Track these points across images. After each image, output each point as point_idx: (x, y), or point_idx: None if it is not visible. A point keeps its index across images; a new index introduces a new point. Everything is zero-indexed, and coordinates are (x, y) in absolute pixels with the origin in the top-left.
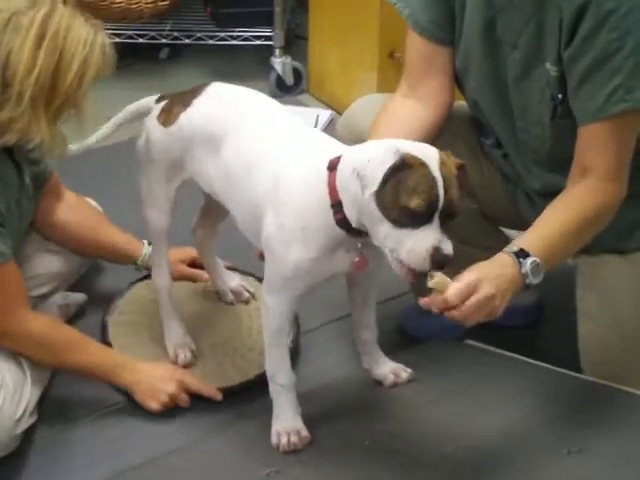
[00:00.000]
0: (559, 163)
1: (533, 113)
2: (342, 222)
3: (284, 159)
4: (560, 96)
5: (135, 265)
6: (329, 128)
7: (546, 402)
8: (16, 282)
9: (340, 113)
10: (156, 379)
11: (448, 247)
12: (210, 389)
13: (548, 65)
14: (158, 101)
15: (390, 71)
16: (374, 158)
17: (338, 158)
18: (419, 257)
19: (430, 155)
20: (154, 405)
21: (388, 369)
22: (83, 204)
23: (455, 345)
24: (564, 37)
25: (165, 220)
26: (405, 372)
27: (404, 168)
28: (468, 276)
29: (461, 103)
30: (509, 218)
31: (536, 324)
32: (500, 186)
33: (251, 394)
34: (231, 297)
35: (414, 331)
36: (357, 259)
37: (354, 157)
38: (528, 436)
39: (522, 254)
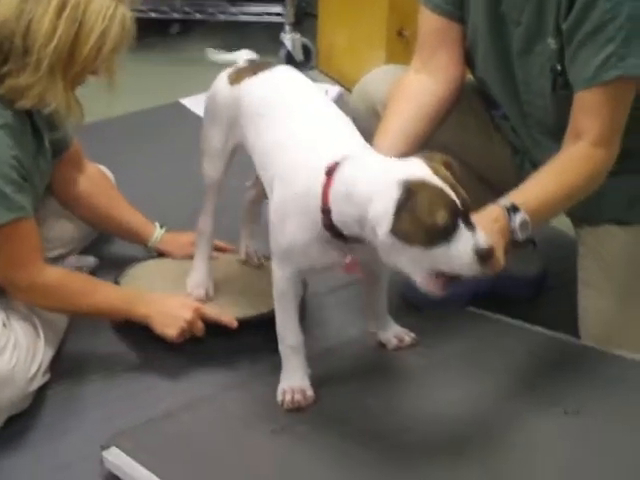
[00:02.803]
0: (564, 133)
1: (536, 86)
2: (329, 227)
3: (300, 139)
4: (559, 67)
5: (145, 246)
6: (338, 104)
7: (544, 366)
8: (34, 237)
9: (349, 89)
10: (172, 307)
11: (484, 238)
12: (226, 317)
13: (549, 39)
14: (246, 62)
15: (398, 49)
16: (377, 198)
17: (336, 164)
18: (466, 263)
19: (423, 169)
20: (172, 332)
21: (392, 333)
22: (103, 178)
23: (458, 312)
24: (563, 10)
25: (218, 173)
26: (408, 336)
27: (411, 196)
28: None
29: (471, 77)
30: None
31: (538, 295)
32: (510, 158)
33: (261, 354)
34: (243, 257)
35: (415, 301)
36: (347, 261)
37: (350, 175)
38: (527, 398)
39: (513, 209)
